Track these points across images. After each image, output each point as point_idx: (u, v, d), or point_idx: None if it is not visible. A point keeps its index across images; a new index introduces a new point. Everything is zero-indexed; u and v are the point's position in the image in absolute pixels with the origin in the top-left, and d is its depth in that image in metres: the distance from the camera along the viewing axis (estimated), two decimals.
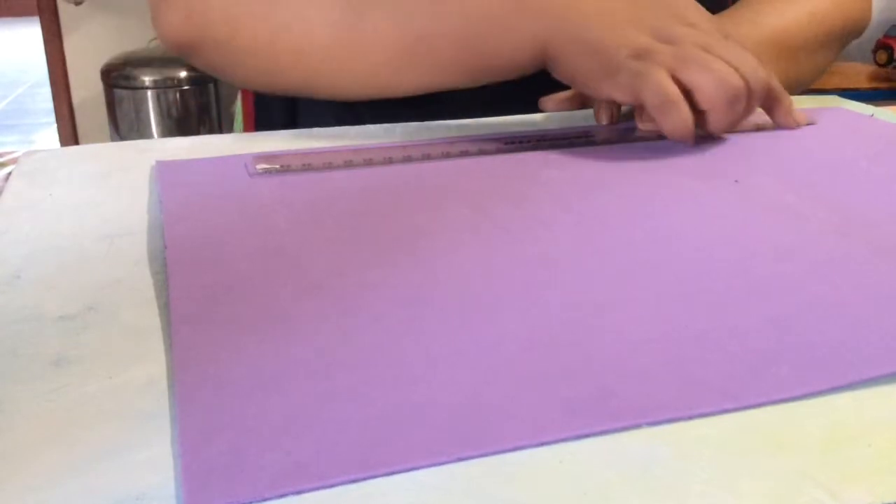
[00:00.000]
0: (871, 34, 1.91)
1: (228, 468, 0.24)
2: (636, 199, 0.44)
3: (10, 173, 0.51)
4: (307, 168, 0.49)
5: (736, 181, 0.47)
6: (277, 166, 0.48)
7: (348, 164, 0.49)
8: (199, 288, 0.34)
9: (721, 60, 0.50)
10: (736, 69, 0.50)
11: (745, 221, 0.41)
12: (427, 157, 0.51)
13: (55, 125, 2.88)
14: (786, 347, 0.30)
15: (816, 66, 0.72)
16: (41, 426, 0.26)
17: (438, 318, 0.32)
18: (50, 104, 2.87)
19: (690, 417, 0.26)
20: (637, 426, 0.26)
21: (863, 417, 0.27)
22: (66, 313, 0.33)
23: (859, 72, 1.95)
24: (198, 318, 0.32)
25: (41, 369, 0.29)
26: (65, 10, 2.76)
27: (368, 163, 0.50)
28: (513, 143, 0.53)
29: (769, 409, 0.27)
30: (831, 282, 0.35)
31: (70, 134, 2.87)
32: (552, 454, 0.25)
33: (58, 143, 2.92)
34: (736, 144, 0.54)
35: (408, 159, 0.50)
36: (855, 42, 0.77)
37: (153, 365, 0.29)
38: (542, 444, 0.25)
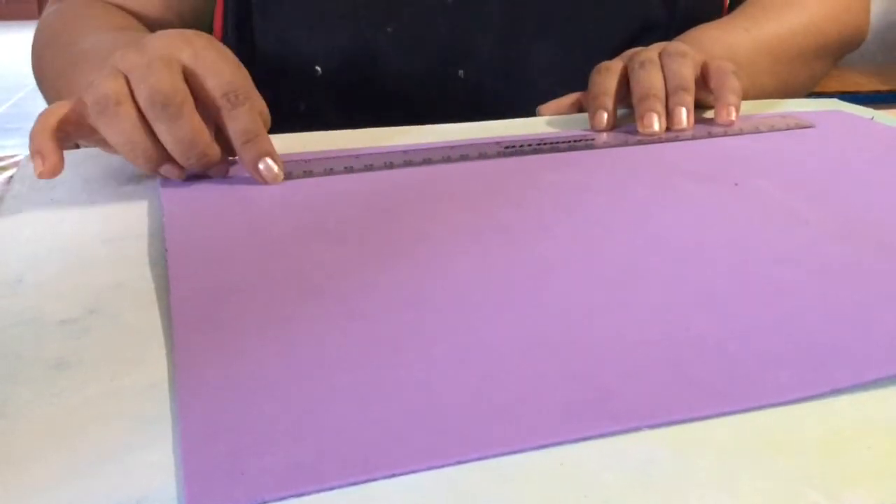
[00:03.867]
0: (875, 36, 1.91)
1: (230, 471, 0.24)
2: (636, 203, 0.44)
3: (11, 177, 0.51)
4: (308, 175, 0.49)
5: (736, 184, 0.47)
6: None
7: (349, 170, 0.50)
8: (200, 291, 0.34)
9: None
10: None
11: (745, 224, 0.41)
12: (427, 162, 0.51)
13: None
14: (786, 350, 0.30)
15: (811, 75, 0.73)
16: (43, 429, 0.26)
17: (438, 321, 0.32)
18: None
19: (691, 420, 0.26)
20: (637, 429, 0.26)
21: (862, 420, 0.27)
22: (67, 317, 0.33)
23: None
24: (199, 322, 0.32)
25: (43, 372, 0.29)
26: None
27: (369, 168, 0.50)
28: (513, 147, 0.53)
29: (769, 411, 0.27)
30: (831, 284, 0.35)
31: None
32: (552, 457, 0.25)
33: None
34: (736, 147, 0.54)
35: (408, 163, 0.50)
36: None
37: (154, 368, 0.30)
38: (543, 446, 0.25)
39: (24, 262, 0.38)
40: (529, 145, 0.53)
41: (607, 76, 0.58)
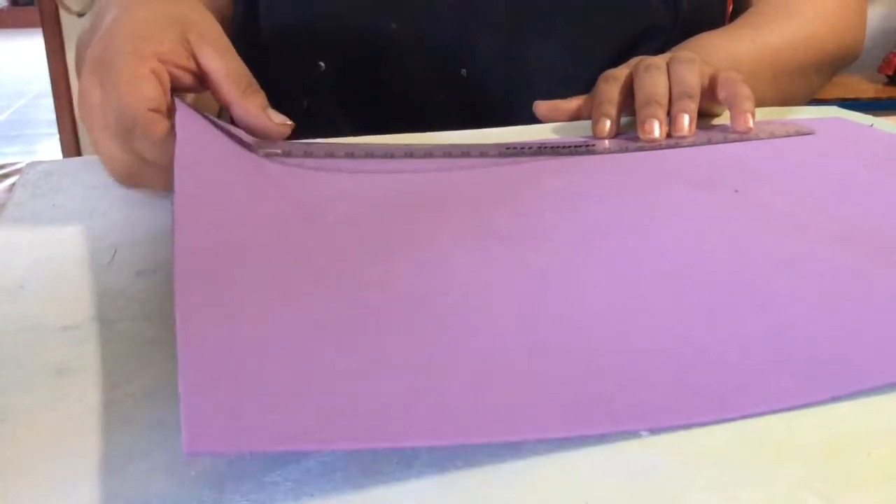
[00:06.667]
0: (875, 43, 1.92)
1: (229, 417, 0.23)
2: (637, 209, 0.44)
3: (13, 184, 0.51)
4: (308, 155, 0.48)
5: (736, 191, 0.47)
6: (279, 151, 0.48)
7: (350, 156, 0.49)
8: (204, 251, 0.34)
9: None
10: None
11: (745, 231, 0.41)
12: (429, 155, 0.51)
13: (58, 136, 2.88)
14: (786, 357, 0.30)
15: (809, 89, 0.73)
16: (44, 435, 0.26)
17: (439, 324, 0.32)
18: (52, 115, 2.87)
19: (689, 426, 0.26)
20: (635, 432, 0.26)
21: (862, 427, 0.27)
22: (68, 323, 0.33)
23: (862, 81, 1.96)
24: (203, 283, 0.31)
25: (44, 379, 0.29)
26: (67, 22, 2.77)
27: (370, 155, 0.50)
28: (514, 149, 0.53)
29: (769, 418, 0.27)
30: (831, 291, 0.35)
31: (72, 145, 2.87)
32: (553, 462, 0.25)
33: (60, 154, 2.92)
34: (736, 154, 0.54)
35: (409, 155, 0.50)
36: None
37: (156, 375, 0.30)
38: (542, 439, 0.25)
39: (25, 268, 0.38)
40: (530, 148, 0.53)
41: (613, 84, 0.58)
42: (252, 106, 0.47)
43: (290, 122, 0.48)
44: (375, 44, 0.71)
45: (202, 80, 0.48)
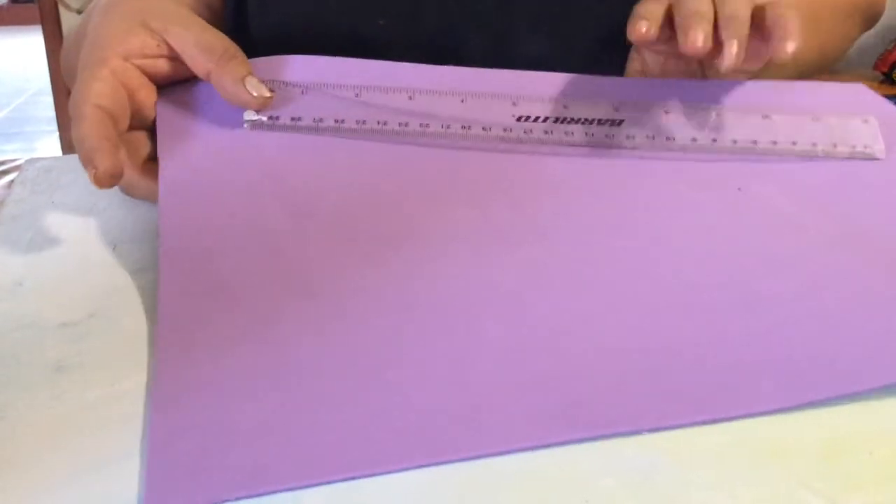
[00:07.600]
0: (876, 40, 1.92)
1: (192, 471, 0.24)
2: (636, 209, 0.44)
3: (12, 180, 0.51)
4: (296, 121, 0.47)
5: (739, 189, 0.47)
6: (264, 118, 0.47)
7: (339, 122, 0.47)
8: (187, 287, 0.34)
9: None
10: None
11: (743, 232, 0.41)
12: (425, 126, 0.49)
13: (57, 133, 2.88)
14: (769, 360, 0.30)
15: (844, 38, 0.71)
16: (42, 432, 0.26)
17: (418, 326, 0.32)
18: (52, 112, 2.86)
19: (660, 429, 0.26)
20: (604, 437, 0.26)
21: (863, 427, 0.27)
22: (67, 320, 0.33)
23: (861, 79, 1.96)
24: (183, 321, 0.32)
25: (42, 376, 0.29)
26: (67, 19, 2.77)
27: (362, 124, 0.48)
28: (527, 120, 0.50)
29: (769, 418, 0.27)
30: (823, 294, 0.35)
31: (72, 142, 2.87)
32: (553, 462, 0.25)
33: (60, 151, 2.92)
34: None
35: (405, 125, 0.48)
36: (855, 53, 0.77)
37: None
38: (510, 451, 0.25)
39: (24, 265, 0.38)
40: (545, 120, 0.49)
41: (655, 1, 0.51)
42: (227, 79, 0.46)
43: (268, 94, 0.47)
44: (362, 40, 0.71)
45: (179, 61, 0.48)
